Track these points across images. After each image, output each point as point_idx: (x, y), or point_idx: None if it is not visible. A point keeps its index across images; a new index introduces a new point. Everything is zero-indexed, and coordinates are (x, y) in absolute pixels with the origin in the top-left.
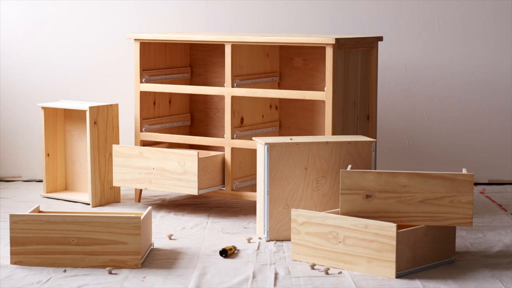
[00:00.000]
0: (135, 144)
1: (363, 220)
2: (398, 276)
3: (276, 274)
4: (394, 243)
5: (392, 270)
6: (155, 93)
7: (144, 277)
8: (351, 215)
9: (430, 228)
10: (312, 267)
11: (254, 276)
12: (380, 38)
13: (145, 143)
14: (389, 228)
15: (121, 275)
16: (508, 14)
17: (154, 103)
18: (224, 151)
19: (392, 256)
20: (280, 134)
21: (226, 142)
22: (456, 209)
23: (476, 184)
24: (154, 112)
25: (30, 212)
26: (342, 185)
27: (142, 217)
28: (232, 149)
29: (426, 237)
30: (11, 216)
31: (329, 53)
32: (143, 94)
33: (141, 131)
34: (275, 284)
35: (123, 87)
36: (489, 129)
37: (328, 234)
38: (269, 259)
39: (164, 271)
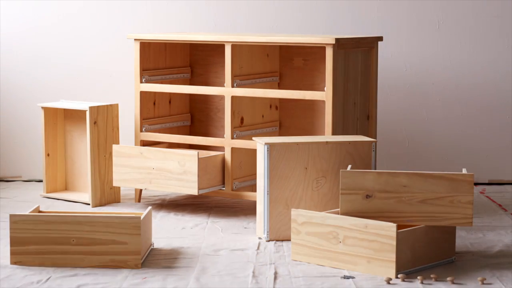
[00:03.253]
0: (135, 144)
1: (363, 220)
2: (398, 276)
3: (276, 274)
4: (394, 243)
5: (392, 270)
6: (155, 93)
7: (144, 278)
8: (351, 215)
9: (430, 228)
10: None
11: (254, 276)
12: (380, 38)
13: (145, 143)
14: (389, 228)
15: (120, 275)
16: (508, 14)
17: (154, 103)
18: (224, 151)
19: (392, 256)
20: (280, 134)
21: (226, 142)
22: (456, 209)
23: (476, 184)
24: (154, 112)
25: (30, 212)
26: (342, 185)
27: (142, 217)
28: (232, 149)
29: (426, 237)
30: (11, 216)
31: (329, 53)
32: (143, 94)
33: (141, 131)
34: (275, 284)
35: (123, 87)
36: (489, 129)
37: (328, 234)
38: (269, 259)
39: (164, 271)
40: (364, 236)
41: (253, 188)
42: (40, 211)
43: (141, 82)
